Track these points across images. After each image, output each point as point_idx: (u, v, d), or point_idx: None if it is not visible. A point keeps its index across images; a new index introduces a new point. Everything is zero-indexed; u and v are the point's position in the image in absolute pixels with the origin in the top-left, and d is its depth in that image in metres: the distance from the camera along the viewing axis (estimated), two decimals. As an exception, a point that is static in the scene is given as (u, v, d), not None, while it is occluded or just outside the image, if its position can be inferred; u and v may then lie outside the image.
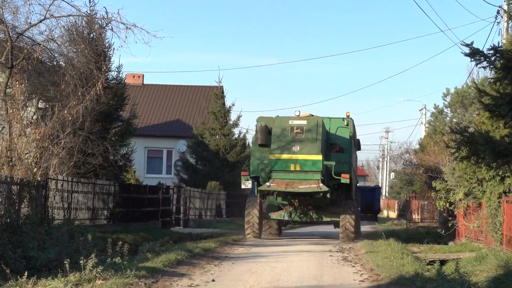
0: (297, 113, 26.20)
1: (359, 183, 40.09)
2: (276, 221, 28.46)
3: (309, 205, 26.64)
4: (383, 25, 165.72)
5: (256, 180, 27.28)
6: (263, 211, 27.10)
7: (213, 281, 13.91)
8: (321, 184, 24.88)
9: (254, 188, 28.09)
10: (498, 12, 27.56)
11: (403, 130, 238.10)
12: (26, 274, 12.24)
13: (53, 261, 14.28)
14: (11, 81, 20.22)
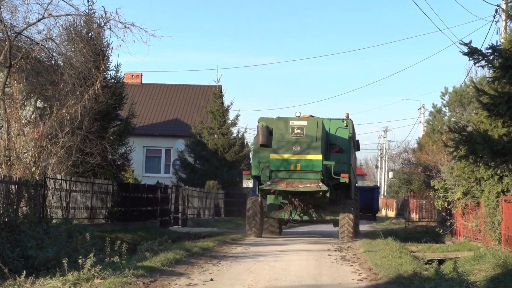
0: (297, 114, 26.49)
1: (358, 183, 40.24)
2: (276, 220, 28.78)
3: (309, 204, 26.96)
4: (381, 24, 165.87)
5: (257, 179, 27.59)
6: (264, 210, 27.36)
7: (212, 280, 13.91)
8: (321, 183, 25.19)
9: (255, 187, 28.43)
10: (496, 11, 27.61)
11: (401, 129, 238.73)
12: (24, 273, 12.24)
13: (52, 260, 14.28)
14: (9, 80, 20.21)
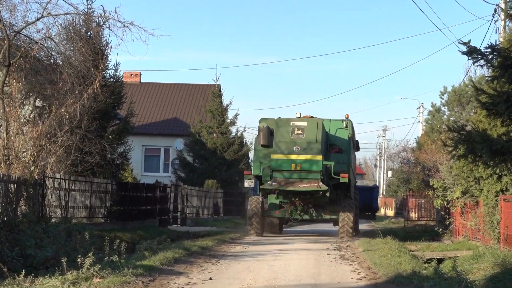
0: (298, 115, 26.86)
1: (357, 182, 40.40)
2: (277, 219, 29.05)
3: (309, 203, 27.26)
4: (380, 24, 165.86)
5: (258, 179, 27.95)
6: (265, 209, 27.65)
7: (211, 279, 13.91)
8: (321, 183, 25.54)
9: (256, 187, 28.77)
10: (495, 10, 27.60)
11: (400, 128, 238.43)
12: (23, 272, 12.24)
13: (51, 259, 14.28)
14: (8, 79, 20.20)
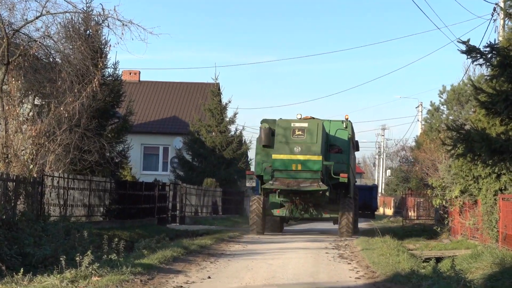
0: (298, 116, 27.46)
1: (356, 181, 40.57)
2: (278, 218, 29.49)
3: (310, 202, 27.69)
4: (379, 23, 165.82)
5: (260, 179, 28.41)
6: (266, 208, 27.99)
7: (209, 278, 13.92)
8: (321, 183, 25.99)
9: (258, 186, 29.22)
10: (494, 9, 27.58)
11: (399, 127, 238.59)
12: (22, 270, 12.26)
13: (49, 257, 14.29)
14: (7, 77, 20.18)
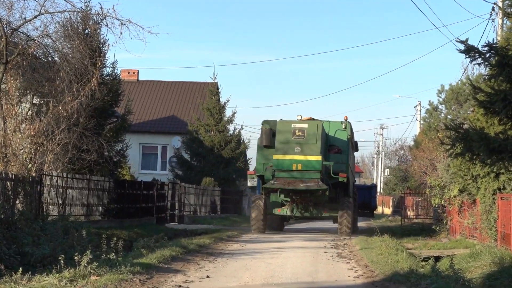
0: (299, 117, 28.00)
1: (356, 180, 40.80)
2: (279, 217, 29.88)
3: (310, 202, 28.12)
4: (378, 22, 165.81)
5: (261, 178, 28.86)
6: (267, 207, 28.35)
7: (208, 277, 13.92)
8: (321, 182, 26.45)
9: (259, 186, 29.60)
10: (493, 9, 27.60)
11: (398, 126, 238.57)
12: (20, 270, 12.23)
13: (48, 257, 14.28)
14: (5, 76, 20.15)
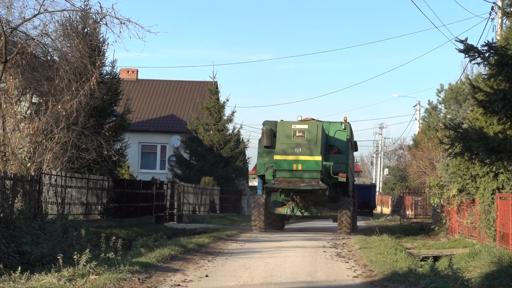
0: (299, 118, 28.49)
1: (355, 180, 40.98)
2: (279, 216, 30.19)
3: (310, 201, 28.43)
4: (377, 21, 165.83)
5: (262, 178, 29.34)
6: (268, 206, 28.66)
7: (207, 276, 13.92)
8: (321, 182, 26.86)
9: (260, 185, 30.08)
10: (492, 8, 27.60)
11: (397, 126, 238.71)
12: (19, 269, 12.24)
13: (47, 256, 14.27)
14: (5, 75, 20.14)
